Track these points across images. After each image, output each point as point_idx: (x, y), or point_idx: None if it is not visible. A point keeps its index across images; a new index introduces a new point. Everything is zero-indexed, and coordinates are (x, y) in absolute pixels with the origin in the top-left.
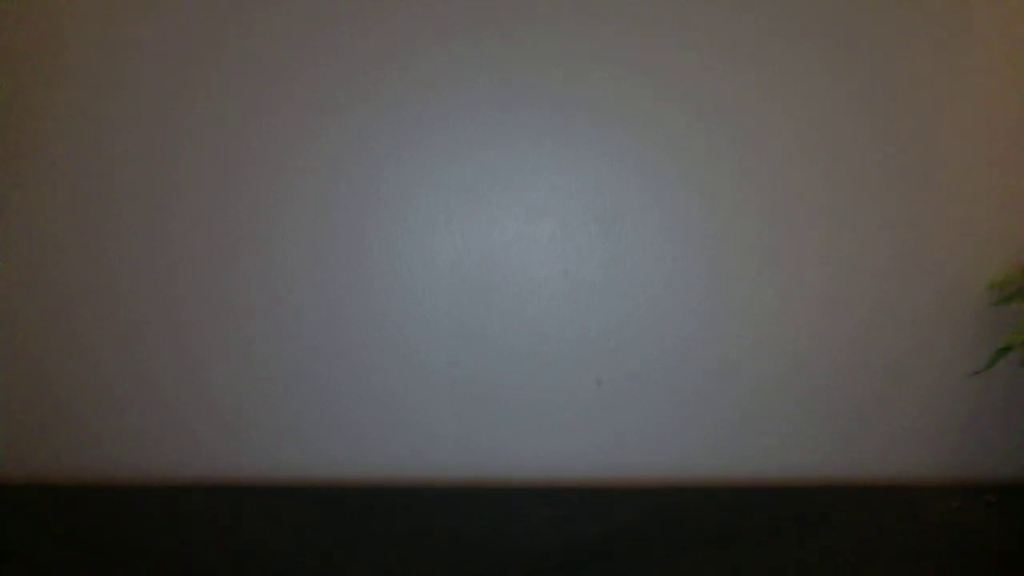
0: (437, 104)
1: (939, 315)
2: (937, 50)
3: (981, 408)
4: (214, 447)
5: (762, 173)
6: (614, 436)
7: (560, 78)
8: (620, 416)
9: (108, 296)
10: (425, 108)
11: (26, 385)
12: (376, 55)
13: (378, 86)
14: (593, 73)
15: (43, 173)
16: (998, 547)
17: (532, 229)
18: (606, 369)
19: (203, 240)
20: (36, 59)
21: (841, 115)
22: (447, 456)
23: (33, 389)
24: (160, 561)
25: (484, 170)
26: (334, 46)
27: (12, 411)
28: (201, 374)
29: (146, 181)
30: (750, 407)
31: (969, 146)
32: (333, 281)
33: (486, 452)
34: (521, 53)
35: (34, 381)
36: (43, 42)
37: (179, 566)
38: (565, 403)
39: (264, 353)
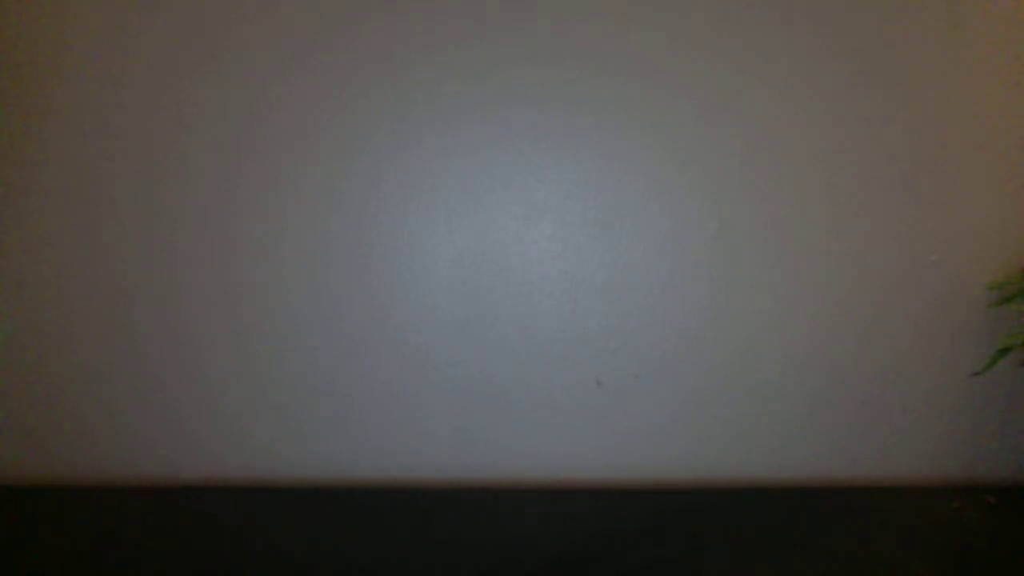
0: (437, 104)
1: (939, 316)
2: (937, 53)
3: (981, 408)
4: (214, 447)
5: (762, 174)
6: (614, 436)
7: (560, 78)
8: (620, 416)
9: (107, 297)
10: (425, 108)
11: (26, 387)
12: (377, 54)
13: (379, 86)
14: (593, 73)
15: (41, 174)
16: (998, 547)
17: (532, 229)
18: (606, 369)
19: (203, 240)
20: (34, 59)
21: (841, 118)
22: (447, 455)
23: (33, 391)
24: (160, 561)
25: (484, 170)
26: (334, 46)
27: (13, 413)
28: (200, 374)
29: (145, 182)
30: (750, 408)
31: (969, 148)
32: (333, 281)
33: (486, 452)
34: (521, 53)
35: (34, 383)
36: (41, 42)
37: (179, 566)
38: (565, 403)
39: (264, 353)
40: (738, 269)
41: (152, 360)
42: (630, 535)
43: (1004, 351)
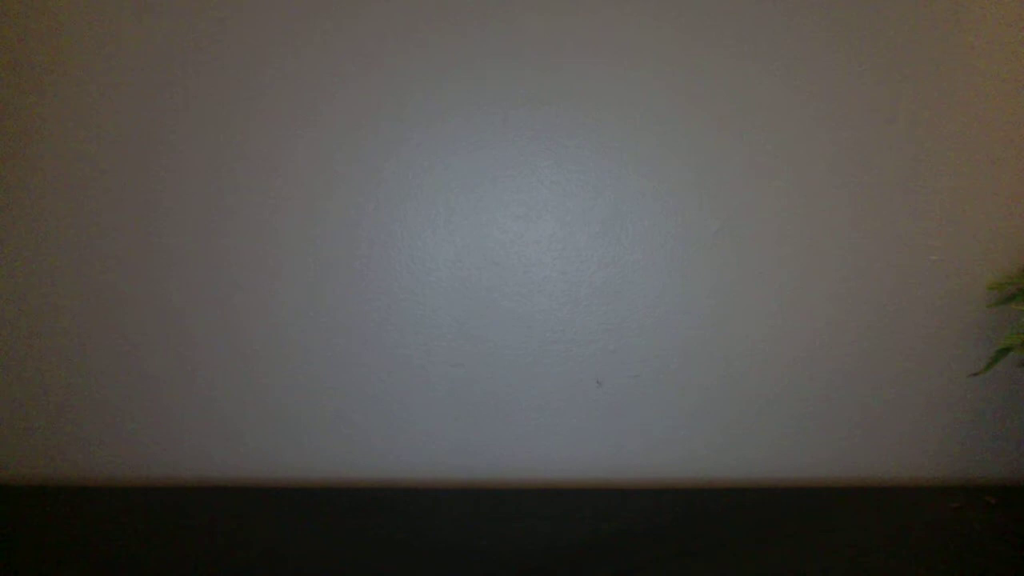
0: (437, 102)
1: (939, 316)
2: (939, 53)
3: (981, 409)
4: (213, 448)
5: (763, 174)
6: (614, 437)
7: (561, 77)
8: (620, 417)
9: (105, 298)
10: (424, 106)
11: (25, 388)
12: (374, 52)
13: (376, 84)
14: (594, 71)
15: (37, 175)
16: (998, 547)
17: (532, 229)
18: (606, 370)
19: (200, 240)
20: (27, 59)
21: (841, 118)
22: (447, 457)
23: (32, 391)
24: (159, 562)
25: (484, 169)
26: (331, 43)
27: (11, 413)
28: (199, 375)
29: (140, 182)
30: (751, 408)
31: (969, 148)
32: (332, 282)
33: (486, 453)
34: (521, 50)
35: (32, 383)
36: (36, 42)
37: (177, 566)
38: (565, 404)
39: (262, 354)
40: (739, 269)
41: (149, 361)
42: (630, 535)
43: (1004, 351)
